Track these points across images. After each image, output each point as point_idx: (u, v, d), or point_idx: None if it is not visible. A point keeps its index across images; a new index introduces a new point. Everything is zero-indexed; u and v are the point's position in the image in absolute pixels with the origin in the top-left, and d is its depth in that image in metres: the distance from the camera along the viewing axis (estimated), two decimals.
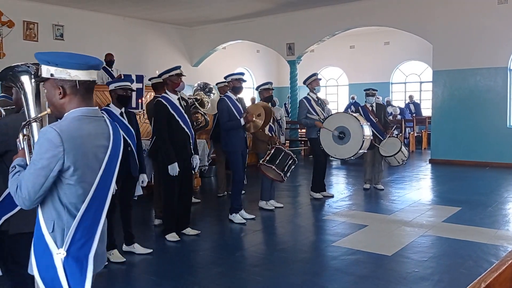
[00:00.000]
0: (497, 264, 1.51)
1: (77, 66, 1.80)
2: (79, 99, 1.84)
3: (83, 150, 1.78)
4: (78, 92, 1.83)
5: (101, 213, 1.86)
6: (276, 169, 5.65)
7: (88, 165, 1.80)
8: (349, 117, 6.43)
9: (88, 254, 1.80)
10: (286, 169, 5.77)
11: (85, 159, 1.79)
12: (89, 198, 1.80)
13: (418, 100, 15.22)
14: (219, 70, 13.30)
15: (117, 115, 4.20)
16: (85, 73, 1.83)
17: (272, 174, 5.78)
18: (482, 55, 9.60)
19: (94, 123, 1.86)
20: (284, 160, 5.74)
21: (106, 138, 1.88)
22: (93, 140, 1.83)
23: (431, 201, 6.68)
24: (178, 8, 11.32)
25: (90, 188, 1.81)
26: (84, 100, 1.86)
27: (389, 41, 15.40)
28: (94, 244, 1.81)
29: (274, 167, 5.64)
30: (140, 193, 4.46)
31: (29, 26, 10.26)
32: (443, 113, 10.19)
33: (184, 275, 3.90)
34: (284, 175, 5.75)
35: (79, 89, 1.83)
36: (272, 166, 5.64)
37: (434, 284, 3.62)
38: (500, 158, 9.50)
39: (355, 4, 11.06)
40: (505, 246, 4.47)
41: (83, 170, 1.78)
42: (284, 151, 5.78)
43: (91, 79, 1.86)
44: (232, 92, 5.52)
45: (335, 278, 3.81)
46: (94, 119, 1.87)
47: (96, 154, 1.84)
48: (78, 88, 1.83)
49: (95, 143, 1.84)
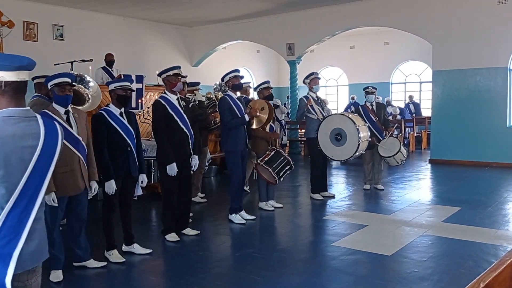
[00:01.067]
0: (496, 264, 1.50)
1: (2, 67, 1.83)
2: (7, 99, 1.86)
3: (5, 151, 1.79)
4: (6, 93, 1.85)
5: (30, 212, 1.86)
6: (272, 172, 5.67)
7: (11, 165, 1.81)
8: (345, 119, 6.42)
9: (12, 252, 1.80)
10: (281, 174, 5.80)
11: (7, 160, 1.80)
12: (15, 197, 1.81)
13: (418, 100, 15.23)
14: (219, 70, 13.24)
15: (117, 115, 4.20)
16: (13, 74, 1.85)
17: (266, 175, 5.80)
18: (482, 55, 9.60)
19: (22, 124, 1.86)
20: (282, 165, 5.77)
21: (35, 138, 1.88)
22: (18, 141, 1.83)
23: (430, 201, 6.68)
24: (178, 8, 11.32)
25: (15, 188, 1.81)
26: (13, 100, 1.86)
27: (389, 41, 15.41)
28: (20, 243, 1.82)
29: (271, 170, 5.66)
30: (139, 193, 4.46)
31: (29, 26, 10.26)
32: (442, 113, 10.19)
33: (183, 275, 3.91)
34: (278, 179, 5.78)
35: (7, 90, 1.85)
36: (269, 168, 5.66)
37: (434, 284, 3.62)
38: (500, 158, 9.50)
39: (355, 4, 11.06)
40: (504, 246, 4.47)
41: (5, 170, 1.79)
42: (283, 156, 5.80)
43: (19, 80, 1.87)
44: (232, 91, 5.52)
45: (334, 278, 3.81)
46: (23, 120, 1.87)
47: (21, 155, 1.84)
48: (5, 89, 1.84)
49: (20, 143, 1.84)
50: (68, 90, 3.79)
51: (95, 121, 4.18)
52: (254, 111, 5.51)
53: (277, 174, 5.73)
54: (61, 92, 3.75)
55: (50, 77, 3.83)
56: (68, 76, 3.85)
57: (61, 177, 3.69)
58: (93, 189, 3.94)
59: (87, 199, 3.96)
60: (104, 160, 4.09)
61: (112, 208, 4.27)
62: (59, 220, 3.82)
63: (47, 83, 3.82)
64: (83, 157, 3.81)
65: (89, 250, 4.08)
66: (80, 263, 4.04)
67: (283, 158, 5.80)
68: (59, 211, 3.76)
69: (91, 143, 3.98)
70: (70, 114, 3.81)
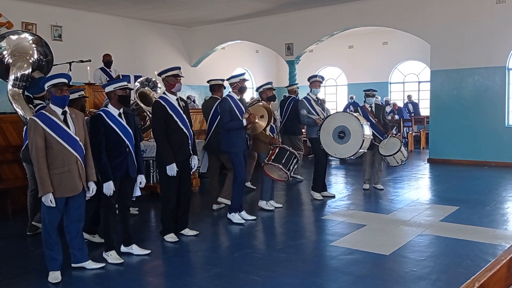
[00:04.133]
0: (491, 263, 1.51)
1: None
2: None
3: None
4: None
5: None
6: (283, 168, 5.63)
7: None
8: (349, 116, 6.42)
9: None
10: (291, 167, 5.77)
11: None
12: None
13: (417, 99, 15.24)
14: (218, 71, 13.32)
15: (115, 116, 4.20)
16: None
17: (276, 174, 5.77)
18: (480, 54, 9.61)
19: None
20: (289, 159, 5.74)
21: None
22: None
23: (429, 201, 6.68)
24: (177, 8, 11.32)
25: None
26: None
27: (387, 41, 15.42)
28: None
29: (281, 166, 5.62)
30: (138, 194, 4.46)
31: (28, 27, 10.25)
32: (441, 113, 10.20)
33: (182, 275, 3.91)
34: (289, 174, 5.75)
35: None
36: (279, 165, 5.61)
37: (432, 283, 3.63)
38: (498, 157, 9.52)
39: (354, 4, 11.07)
40: (503, 245, 4.48)
41: None
42: (289, 150, 5.78)
43: None
44: (237, 93, 5.51)
45: (333, 278, 3.82)
46: None
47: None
48: None
49: None
50: (65, 90, 3.79)
51: (93, 122, 4.17)
52: (253, 117, 5.47)
53: (288, 170, 5.70)
54: (59, 92, 3.75)
55: (47, 78, 3.83)
56: (65, 77, 3.85)
57: (59, 178, 3.69)
58: (91, 190, 3.94)
59: (85, 200, 3.96)
60: (103, 161, 4.09)
61: (111, 209, 4.27)
62: (57, 221, 3.82)
63: (44, 84, 3.82)
64: (81, 158, 3.81)
65: (87, 251, 4.08)
66: (78, 264, 4.04)
67: (289, 152, 5.76)
68: (57, 212, 3.76)
69: (88, 143, 3.97)
70: (68, 115, 3.81)
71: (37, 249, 4.60)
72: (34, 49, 5.56)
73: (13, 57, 5.40)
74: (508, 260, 1.52)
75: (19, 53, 5.43)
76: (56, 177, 3.67)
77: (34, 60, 5.51)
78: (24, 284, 3.89)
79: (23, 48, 5.49)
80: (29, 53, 5.48)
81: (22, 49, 5.48)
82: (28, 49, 5.50)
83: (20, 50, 5.45)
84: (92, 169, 3.96)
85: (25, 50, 5.47)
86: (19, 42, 5.52)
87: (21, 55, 5.41)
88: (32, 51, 5.52)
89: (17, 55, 5.41)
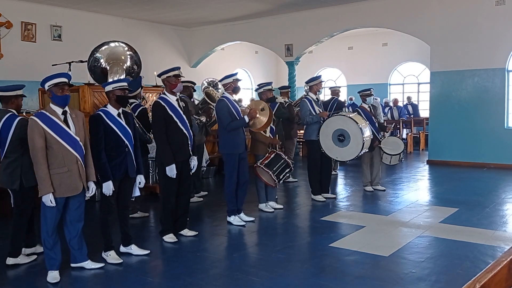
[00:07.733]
0: (492, 265, 1.51)
1: None
2: None
3: None
4: None
5: None
6: (272, 175, 5.66)
7: None
8: (347, 120, 6.42)
9: None
10: (281, 177, 5.80)
11: None
12: None
13: (416, 101, 15.26)
14: (218, 71, 13.30)
15: (115, 116, 4.19)
16: None
17: (266, 178, 5.79)
18: (480, 56, 9.62)
19: None
20: (282, 168, 5.76)
21: None
22: None
23: (428, 202, 6.68)
24: (176, 9, 11.32)
25: None
26: None
27: (387, 42, 15.43)
28: None
29: (271, 173, 5.65)
30: (137, 194, 4.46)
31: (27, 27, 10.25)
32: (440, 114, 10.20)
33: (181, 276, 3.90)
34: (278, 182, 5.78)
35: None
36: (269, 171, 5.65)
37: (431, 284, 3.62)
38: (498, 159, 9.52)
39: (353, 6, 11.08)
40: (502, 247, 4.48)
41: None
42: (283, 159, 5.79)
43: None
44: (231, 93, 5.50)
45: (332, 279, 3.81)
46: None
47: None
48: None
49: None
50: (66, 90, 3.79)
51: (93, 122, 4.17)
52: (254, 112, 5.46)
53: (277, 177, 5.73)
54: (60, 92, 3.75)
55: (48, 78, 3.83)
56: (66, 76, 3.85)
57: (59, 178, 3.68)
58: (91, 190, 3.93)
59: (84, 200, 3.95)
60: (102, 161, 4.09)
61: (110, 209, 4.27)
62: (57, 221, 3.81)
63: (44, 83, 3.81)
64: (81, 158, 3.80)
65: (86, 251, 4.07)
66: (77, 264, 4.04)
67: (283, 161, 5.80)
68: (57, 211, 3.75)
69: (88, 143, 3.97)
70: (68, 115, 3.81)
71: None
72: (128, 56, 6.19)
73: (109, 64, 6.00)
74: (508, 261, 1.52)
75: (113, 59, 6.05)
76: (56, 177, 3.67)
77: (128, 66, 6.19)
78: (24, 284, 3.88)
79: (114, 54, 6.18)
80: (122, 60, 6.11)
81: (114, 55, 6.16)
82: (121, 55, 6.20)
83: (112, 57, 6.10)
84: (92, 169, 3.96)
85: (118, 57, 6.14)
86: (111, 50, 6.19)
87: (116, 61, 6.01)
88: (125, 57, 6.15)
89: (111, 62, 6.04)
